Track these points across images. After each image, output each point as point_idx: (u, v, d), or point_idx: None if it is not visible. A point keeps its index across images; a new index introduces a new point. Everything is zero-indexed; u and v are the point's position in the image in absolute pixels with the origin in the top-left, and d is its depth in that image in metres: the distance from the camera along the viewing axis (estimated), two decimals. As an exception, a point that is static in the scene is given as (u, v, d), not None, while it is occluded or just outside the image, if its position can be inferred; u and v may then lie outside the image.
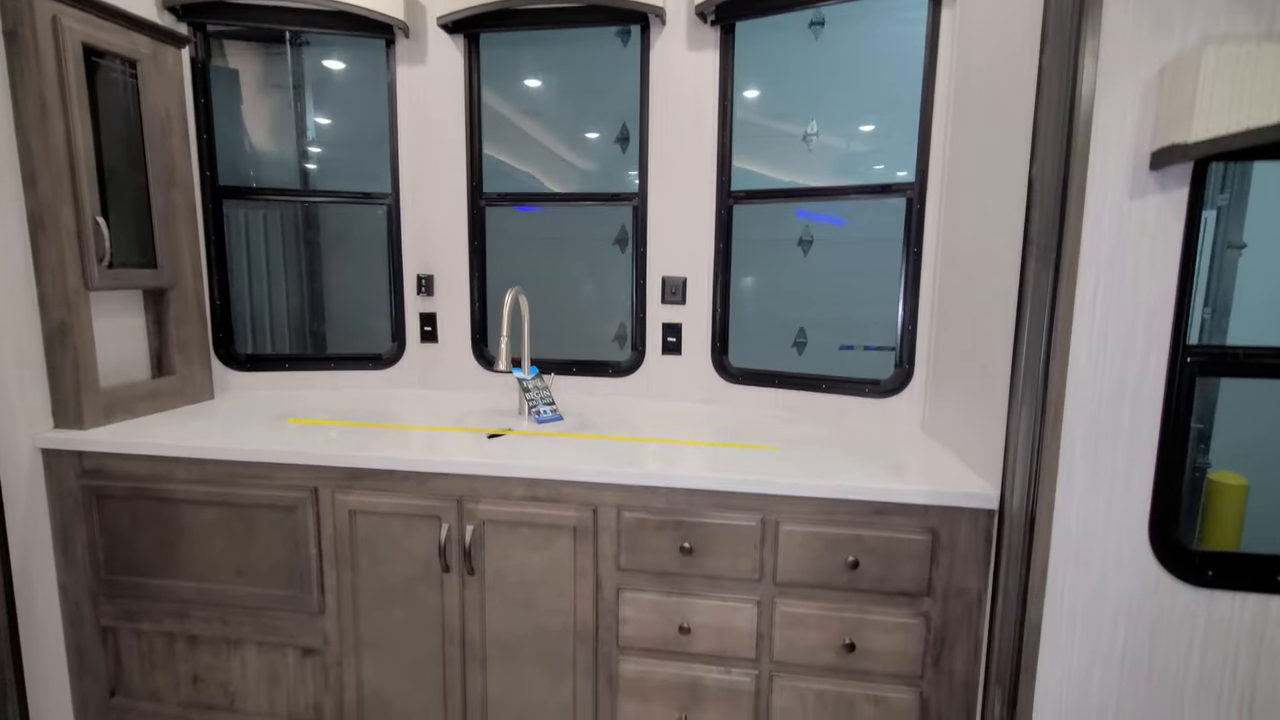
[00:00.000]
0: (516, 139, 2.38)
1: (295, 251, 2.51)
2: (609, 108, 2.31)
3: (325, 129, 2.49)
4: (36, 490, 1.67)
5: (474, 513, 1.51)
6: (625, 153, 2.34)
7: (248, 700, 1.72)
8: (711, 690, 1.48)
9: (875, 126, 2.23)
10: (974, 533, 1.33)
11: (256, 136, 2.40)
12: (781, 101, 2.32)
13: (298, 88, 2.40)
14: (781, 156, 2.25)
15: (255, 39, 2.31)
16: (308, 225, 2.53)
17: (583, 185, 2.46)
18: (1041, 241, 1.07)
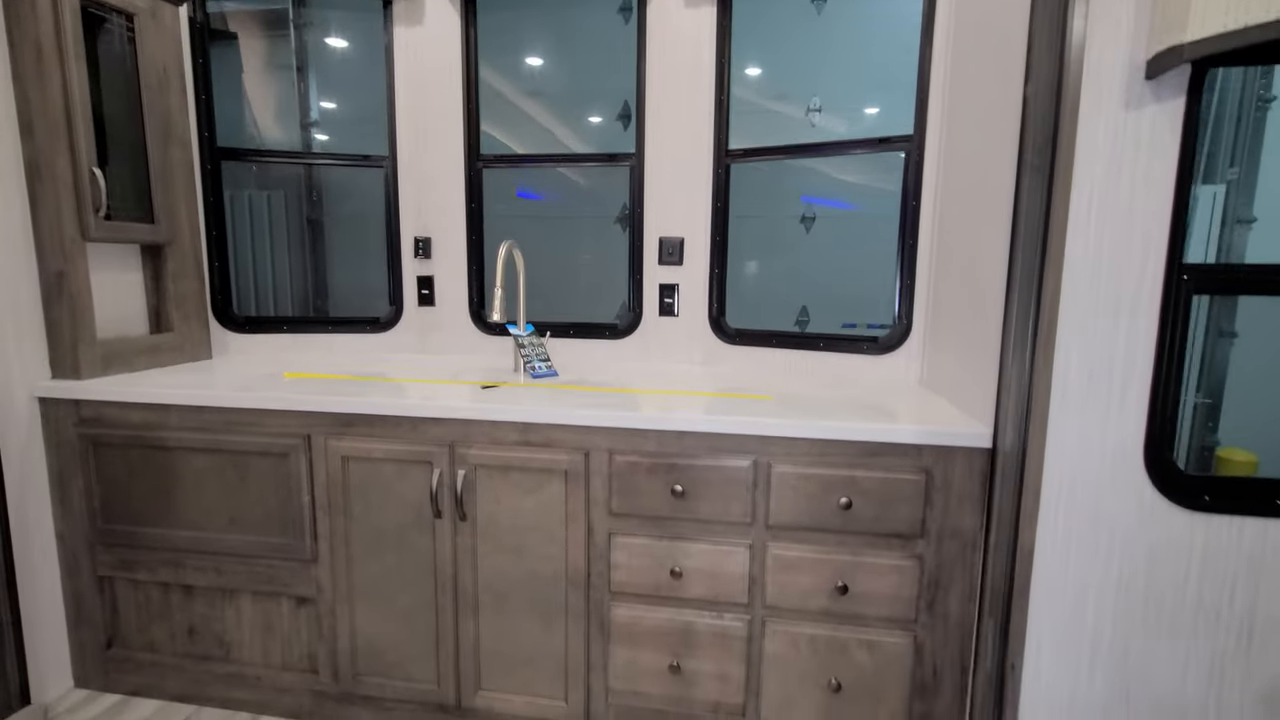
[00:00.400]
0: (515, 116, 2.37)
1: (293, 216, 2.51)
2: (611, 86, 2.29)
3: (325, 94, 2.49)
4: (34, 440, 1.69)
5: (466, 458, 1.51)
6: (626, 130, 2.33)
7: (243, 650, 1.72)
8: (703, 635, 1.47)
9: (879, 107, 2.20)
10: (969, 473, 1.31)
11: (256, 101, 2.41)
12: (783, 80, 2.29)
13: (300, 68, 2.40)
14: (784, 136, 2.21)
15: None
16: (307, 190, 2.53)
17: (585, 171, 2.44)
18: (1035, 161, 1.06)
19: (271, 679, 1.71)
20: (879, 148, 1.86)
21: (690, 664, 1.48)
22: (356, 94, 2.45)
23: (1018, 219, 1.13)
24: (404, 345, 2.30)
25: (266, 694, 1.72)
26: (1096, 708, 1.08)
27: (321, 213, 2.56)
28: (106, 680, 1.79)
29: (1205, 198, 1.51)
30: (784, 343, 2.03)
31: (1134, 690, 1.06)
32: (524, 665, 1.57)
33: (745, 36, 2.06)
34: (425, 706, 1.63)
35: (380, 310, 2.31)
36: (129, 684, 1.79)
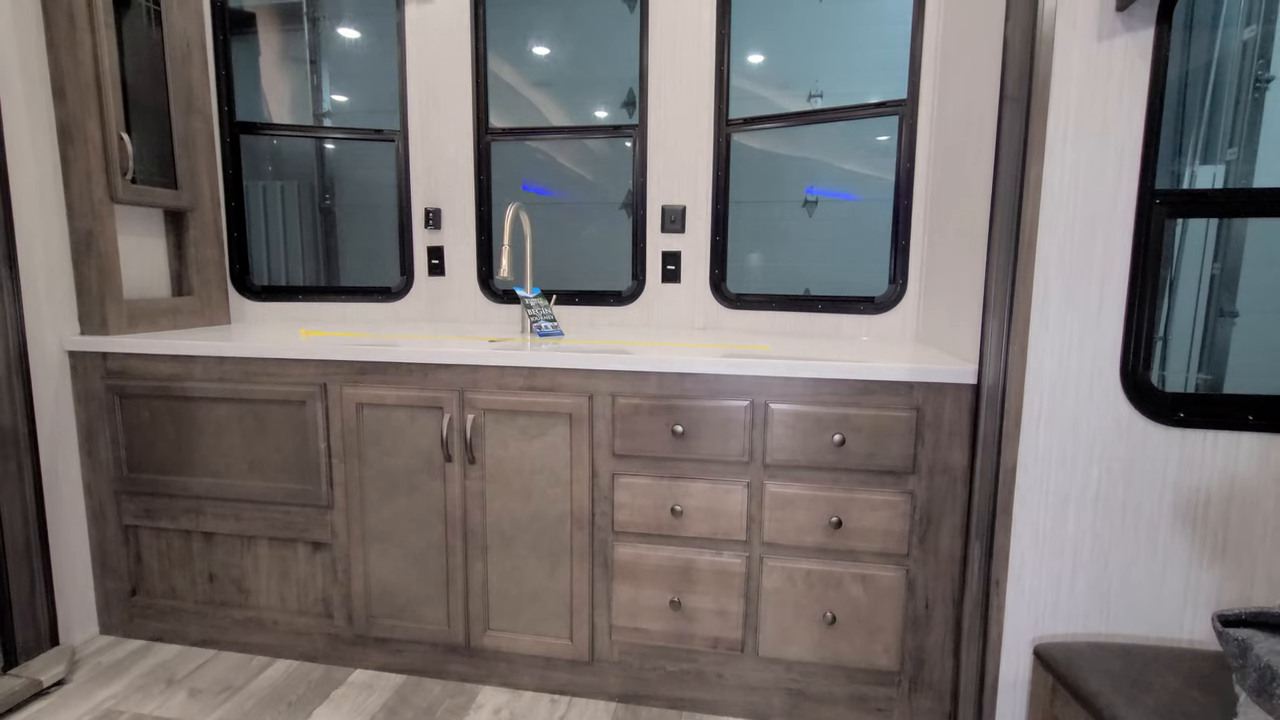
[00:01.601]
0: (521, 104, 2.44)
1: (305, 193, 2.60)
2: (616, 74, 2.36)
3: (338, 79, 2.58)
4: (64, 392, 1.76)
5: (474, 402, 1.57)
6: (632, 117, 2.39)
7: (260, 596, 1.79)
8: (703, 572, 1.52)
9: (880, 94, 2.25)
10: (958, 410, 1.36)
11: (271, 84, 2.50)
12: (784, 69, 2.35)
13: (314, 60, 2.49)
14: (788, 131, 2.28)
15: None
16: (321, 169, 2.62)
17: (592, 164, 2.51)
18: (1014, 92, 1.11)
19: (288, 623, 1.77)
20: (874, 112, 1.92)
21: (690, 600, 1.54)
22: (368, 81, 2.53)
23: (1000, 151, 1.18)
24: (415, 313, 2.37)
25: (283, 638, 1.78)
26: (1078, 616, 1.12)
27: (333, 194, 2.64)
28: (130, 626, 1.87)
29: (1205, 177, 1.56)
30: (783, 305, 2.08)
31: (1113, 598, 1.10)
32: (530, 605, 1.63)
33: (747, 26, 2.13)
34: (436, 647, 1.69)
35: (391, 280, 2.39)
36: (152, 630, 1.86)
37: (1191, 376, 1.38)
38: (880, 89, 2.26)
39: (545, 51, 2.38)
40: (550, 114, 2.50)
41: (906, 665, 1.45)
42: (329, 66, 2.54)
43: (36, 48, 1.66)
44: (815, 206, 2.67)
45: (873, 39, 2.17)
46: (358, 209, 2.62)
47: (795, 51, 2.21)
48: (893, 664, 1.45)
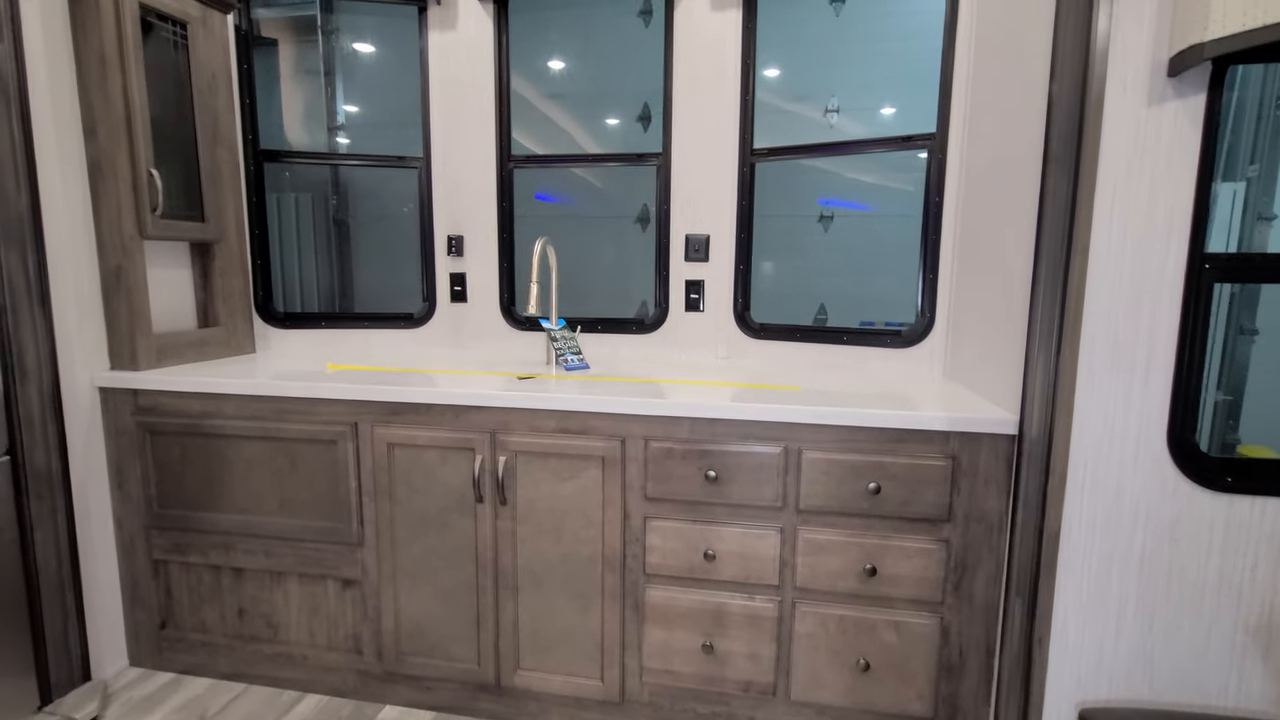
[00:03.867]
0: (534, 117, 2.43)
1: (320, 215, 2.59)
2: (631, 88, 2.35)
3: (358, 99, 2.57)
4: (94, 428, 1.77)
5: (506, 444, 1.57)
6: (646, 132, 2.39)
7: (290, 631, 1.80)
8: (735, 616, 1.52)
9: (895, 108, 2.24)
10: (994, 458, 1.36)
11: (291, 106, 2.49)
12: (800, 81, 2.34)
13: (329, 72, 2.48)
14: (802, 137, 2.25)
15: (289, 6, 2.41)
16: (342, 191, 2.62)
17: (603, 171, 2.49)
18: (1060, 154, 1.10)
19: (317, 658, 1.78)
20: (902, 146, 1.91)
21: (722, 644, 1.54)
22: (387, 98, 2.53)
23: (1043, 211, 1.18)
24: (437, 340, 2.38)
25: (313, 673, 1.79)
26: (1120, 677, 1.12)
27: (348, 212, 2.63)
28: (160, 659, 1.88)
29: (1225, 195, 1.54)
30: (808, 337, 2.08)
31: (1157, 661, 1.10)
32: (561, 645, 1.63)
33: (764, 38, 2.12)
34: (466, 685, 1.70)
35: (411, 306, 2.39)
36: (181, 663, 1.87)
37: (1232, 439, 1.37)
38: (895, 104, 2.24)
39: (560, 65, 2.37)
40: (565, 125, 2.49)
41: (940, 712, 1.45)
42: (343, 80, 2.54)
43: (68, 87, 1.66)
44: (831, 221, 2.67)
45: (888, 53, 2.16)
46: (374, 223, 2.62)
47: (811, 64, 2.20)
48: (926, 710, 1.45)
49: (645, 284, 2.32)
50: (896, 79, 2.17)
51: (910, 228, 2.07)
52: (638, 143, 2.38)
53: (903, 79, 2.13)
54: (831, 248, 2.46)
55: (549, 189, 2.55)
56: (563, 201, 2.51)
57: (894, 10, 2.23)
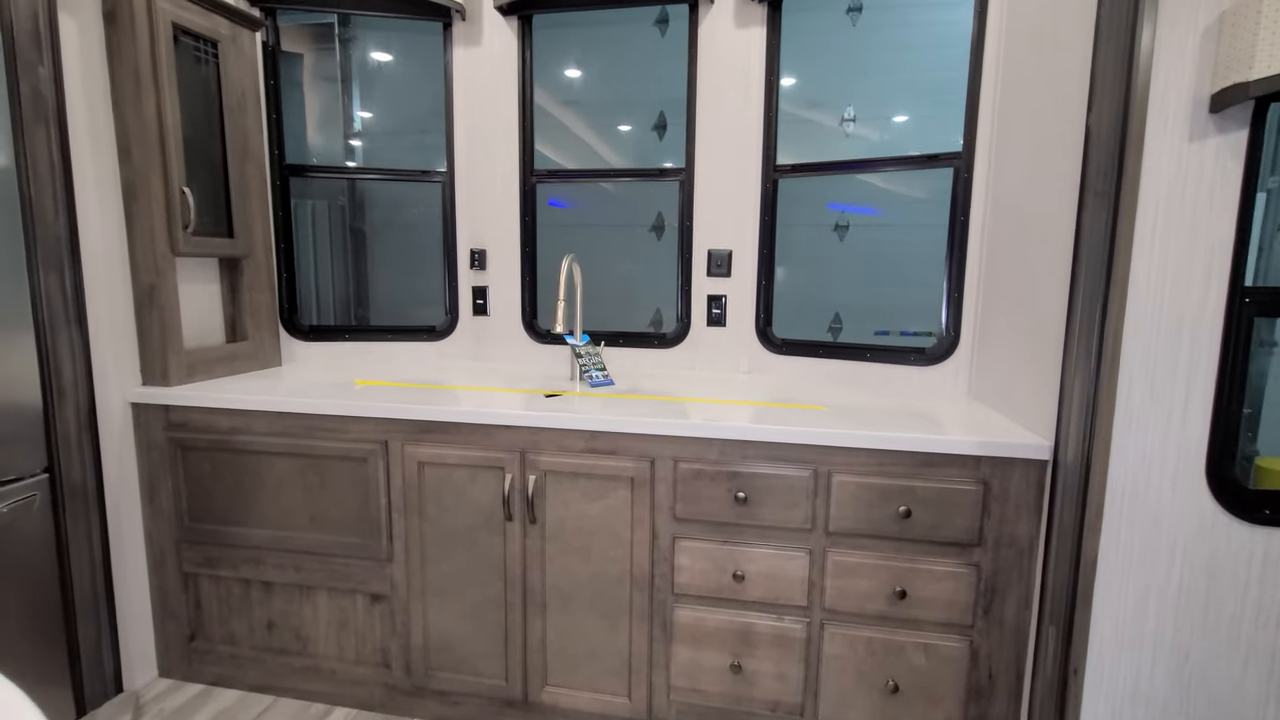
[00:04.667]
0: (554, 127, 2.44)
1: (337, 226, 2.60)
2: (647, 97, 2.35)
3: (382, 108, 2.59)
4: (127, 443, 1.79)
5: (536, 464, 1.59)
6: (662, 140, 2.39)
7: (318, 645, 1.82)
8: (764, 636, 1.53)
9: (910, 115, 2.24)
10: (1026, 484, 1.36)
11: (316, 117, 2.51)
12: (816, 89, 2.34)
13: (345, 78, 2.50)
14: (818, 145, 2.26)
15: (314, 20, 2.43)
16: (364, 203, 2.63)
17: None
18: (1099, 187, 1.11)
19: (346, 672, 1.80)
20: (928, 164, 1.91)
21: (750, 664, 1.55)
22: (408, 109, 2.54)
23: (1080, 241, 1.18)
24: (459, 353, 2.39)
25: (341, 686, 1.81)
26: (1156, 707, 1.13)
27: (364, 220, 2.65)
28: (189, 670, 1.90)
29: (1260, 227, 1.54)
30: (830, 353, 2.08)
31: (1194, 693, 1.11)
32: (589, 662, 1.64)
33: (783, 48, 2.12)
34: (493, 701, 1.72)
35: (432, 318, 2.41)
36: (210, 674, 1.89)
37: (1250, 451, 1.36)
38: (911, 113, 2.24)
39: (576, 74, 2.38)
40: (580, 133, 2.50)
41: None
42: (364, 91, 2.55)
43: (103, 108, 1.68)
44: (847, 231, 2.67)
45: (904, 64, 2.15)
46: (391, 231, 2.63)
47: (827, 73, 2.20)
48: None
49: (660, 293, 2.33)
50: (911, 88, 2.16)
51: (925, 237, 2.08)
52: (653, 150, 2.39)
53: (917, 88, 2.12)
54: (846, 257, 2.45)
55: (561, 195, 2.55)
56: (574, 207, 2.51)
57: (911, 21, 2.23)
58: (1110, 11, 1.10)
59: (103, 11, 1.67)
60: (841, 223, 2.52)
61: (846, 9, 2.22)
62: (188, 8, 1.79)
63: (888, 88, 2.31)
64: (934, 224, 2.07)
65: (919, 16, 2.17)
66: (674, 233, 2.27)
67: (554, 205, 2.80)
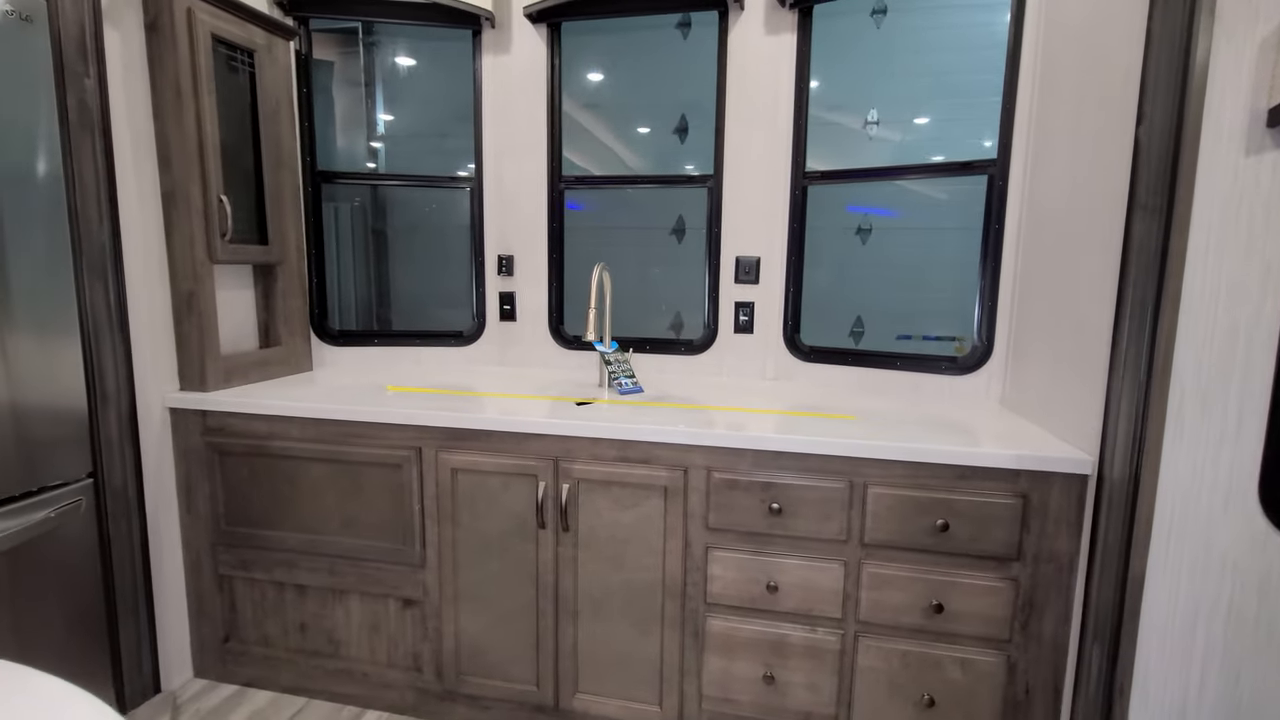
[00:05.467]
0: (575, 130, 2.44)
1: (361, 231, 2.62)
2: (669, 100, 2.35)
3: (407, 112, 2.61)
4: (165, 448, 1.82)
5: (569, 472, 1.59)
6: (683, 144, 2.39)
7: (351, 648, 1.83)
8: (796, 647, 1.53)
9: (933, 118, 2.21)
10: (1066, 498, 1.35)
11: (343, 122, 2.54)
12: (840, 92, 2.32)
13: (369, 82, 2.51)
14: (842, 148, 2.25)
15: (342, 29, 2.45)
16: (385, 205, 2.65)
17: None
18: (1149, 201, 1.09)
19: (378, 675, 1.82)
20: (962, 172, 1.90)
21: (783, 674, 1.54)
22: (434, 115, 2.56)
23: (1128, 255, 1.17)
24: (485, 358, 2.41)
25: (373, 689, 1.83)
26: (1206, 731, 1.11)
27: (387, 224, 2.66)
28: (223, 671, 1.93)
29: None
30: (859, 360, 2.07)
31: (1244, 714, 1.09)
32: (620, 670, 1.65)
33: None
34: (524, 706, 1.72)
35: (455, 321, 2.42)
36: (244, 675, 1.92)
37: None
38: (934, 116, 2.21)
39: (599, 78, 2.38)
40: (600, 135, 2.49)
41: (1005, 749, 1.45)
42: (390, 97, 2.57)
43: (144, 118, 1.71)
44: (869, 234, 2.65)
45: (928, 66, 2.13)
46: (414, 233, 2.64)
47: (852, 75, 2.18)
48: (991, 748, 1.45)
49: (681, 297, 2.33)
50: (935, 91, 2.14)
51: (948, 241, 2.07)
52: (674, 153, 2.38)
53: (941, 91, 2.10)
54: (867, 260, 2.43)
55: (577, 198, 2.54)
56: (591, 210, 2.50)
57: (937, 24, 2.21)
58: (1163, 23, 1.08)
59: (145, 23, 1.69)
60: (864, 226, 2.50)
61: (871, 11, 2.21)
62: (226, 18, 1.82)
63: (911, 90, 2.29)
64: (955, 227, 2.06)
65: (940, 19, 2.15)
66: (695, 235, 2.27)
67: (571, 208, 2.80)
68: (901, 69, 2.23)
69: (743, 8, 2.06)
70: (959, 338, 2.09)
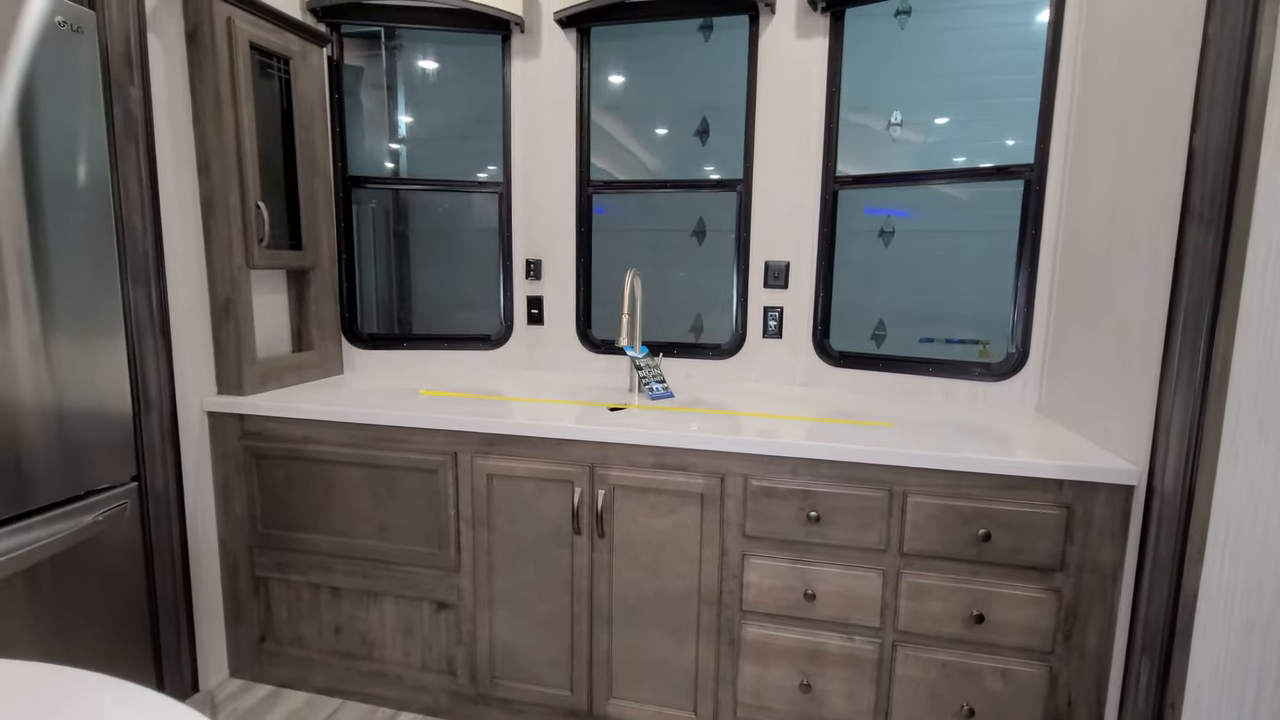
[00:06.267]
0: (596, 133, 2.43)
1: (396, 231, 2.64)
2: (690, 102, 2.33)
3: (433, 115, 2.62)
4: (203, 450, 1.85)
5: (605, 479, 1.60)
6: (705, 146, 2.38)
7: (385, 650, 1.85)
8: (834, 656, 1.53)
9: (954, 118, 2.19)
10: (1111, 508, 1.34)
11: (370, 126, 2.55)
12: (862, 93, 2.31)
13: (390, 85, 2.52)
14: (865, 150, 2.23)
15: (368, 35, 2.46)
16: (407, 207, 2.66)
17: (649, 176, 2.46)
18: (1205, 212, 1.08)
19: (411, 678, 1.83)
20: (998, 176, 1.88)
21: (819, 683, 1.54)
22: (459, 117, 2.56)
23: (1181, 265, 1.15)
24: (513, 361, 2.42)
25: (407, 692, 1.84)
26: (1262, 749, 1.10)
27: (409, 226, 2.67)
28: (259, 671, 1.95)
29: None
30: (890, 366, 2.06)
31: (1303, 734, 1.08)
32: (654, 677, 1.65)
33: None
34: (558, 711, 1.73)
35: (480, 324, 2.43)
36: (279, 676, 1.94)
37: None
38: (957, 117, 2.19)
39: (620, 80, 2.37)
40: (622, 138, 2.49)
41: (1046, 761, 1.44)
42: (417, 101, 2.57)
43: (185, 126, 1.73)
44: (892, 237, 2.63)
45: (952, 68, 2.11)
46: (437, 235, 2.65)
47: (876, 76, 2.16)
48: (1031, 759, 1.44)
49: (702, 299, 2.32)
50: (959, 92, 2.12)
51: (970, 243, 2.05)
52: (695, 155, 2.37)
53: (964, 91, 2.08)
54: (888, 262, 2.40)
55: (601, 202, 2.54)
56: (614, 213, 2.49)
57: (960, 24, 2.19)
58: (1221, 29, 1.07)
59: (185, 31, 1.71)
60: (887, 228, 2.49)
61: (895, 12, 2.19)
62: (264, 26, 1.83)
63: (933, 91, 2.27)
64: (978, 230, 2.04)
65: (963, 20, 2.12)
66: (714, 237, 2.27)
67: (597, 213, 2.79)
68: (924, 70, 2.21)
69: (774, 11, 2.06)
70: (983, 341, 2.07)
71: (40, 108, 1.36)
